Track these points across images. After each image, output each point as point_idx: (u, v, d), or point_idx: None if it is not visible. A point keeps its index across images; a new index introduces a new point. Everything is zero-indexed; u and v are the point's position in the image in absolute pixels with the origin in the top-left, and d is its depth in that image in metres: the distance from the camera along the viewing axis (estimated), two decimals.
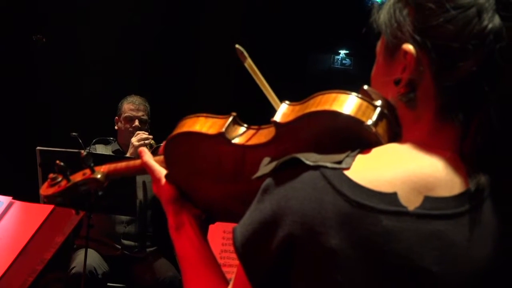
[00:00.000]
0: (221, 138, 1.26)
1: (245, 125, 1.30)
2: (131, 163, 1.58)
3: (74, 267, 3.90)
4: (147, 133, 4.22)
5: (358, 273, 0.91)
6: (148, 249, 4.28)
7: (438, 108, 0.98)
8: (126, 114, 4.31)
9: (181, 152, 1.36)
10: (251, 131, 1.28)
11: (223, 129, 1.26)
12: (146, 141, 4.15)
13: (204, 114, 1.32)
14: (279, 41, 6.16)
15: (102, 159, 3.76)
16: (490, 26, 0.93)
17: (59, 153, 3.70)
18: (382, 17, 1.07)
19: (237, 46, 1.30)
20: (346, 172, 0.95)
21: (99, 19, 5.62)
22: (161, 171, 1.42)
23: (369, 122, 1.03)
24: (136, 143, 4.11)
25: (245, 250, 0.98)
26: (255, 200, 1.00)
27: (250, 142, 1.25)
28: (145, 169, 1.48)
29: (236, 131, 1.29)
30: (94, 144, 4.11)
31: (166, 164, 1.42)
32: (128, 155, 4.13)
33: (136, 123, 4.29)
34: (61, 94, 5.46)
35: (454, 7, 0.95)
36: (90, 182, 1.60)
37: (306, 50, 6.53)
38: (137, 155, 4.14)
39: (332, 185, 0.93)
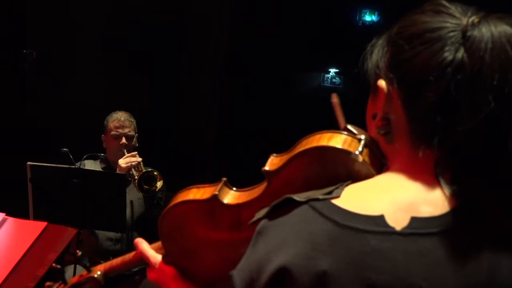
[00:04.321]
0: (215, 200, 1.29)
1: (234, 188, 1.34)
2: (126, 257, 1.60)
3: (65, 272, 3.88)
4: (136, 154, 4.18)
5: None
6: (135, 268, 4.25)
7: (411, 137, 1.03)
8: (112, 133, 4.27)
9: (178, 224, 1.38)
10: (243, 192, 1.31)
11: (216, 192, 1.30)
12: (134, 163, 4.13)
13: (195, 186, 1.36)
14: (269, 59, 6.19)
15: (91, 175, 3.79)
16: (449, 58, 0.97)
17: (50, 169, 3.71)
18: (372, 57, 1.12)
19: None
20: (334, 201, 1.00)
21: (89, 33, 5.64)
22: (158, 257, 1.47)
23: (356, 152, 1.08)
24: (124, 165, 4.09)
25: None
26: (250, 244, 1.04)
27: (244, 199, 1.28)
28: (141, 260, 1.52)
29: (228, 193, 1.32)
30: (84, 160, 4.10)
31: (163, 241, 1.44)
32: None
33: (123, 140, 4.26)
34: (52, 109, 5.45)
35: (421, 43, 1.00)
36: (88, 282, 1.62)
37: (296, 68, 6.56)
38: (126, 174, 4.10)
39: (321, 214, 0.99)
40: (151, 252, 1.50)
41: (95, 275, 1.60)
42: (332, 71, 6.92)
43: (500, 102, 0.95)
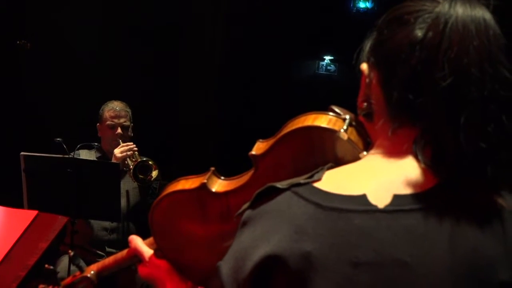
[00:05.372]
0: (204, 189, 1.28)
1: (223, 177, 1.33)
2: (119, 255, 1.60)
3: (58, 272, 3.88)
4: (130, 143, 4.18)
5: (335, 272, 0.95)
6: None
7: (389, 117, 1.04)
8: (107, 122, 4.26)
9: (168, 217, 1.37)
10: (231, 180, 1.31)
11: (205, 180, 1.29)
12: (129, 153, 4.12)
13: (183, 177, 1.35)
14: (264, 47, 6.17)
15: (85, 165, 3.78)
16: (419, 36, 0.99)
17: (43, 159, 3.69)
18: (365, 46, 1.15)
19: None
20: (315, 184, 1.01)
21: (84, 24, 5.61)
22: (151, 252, 1.48)
23: (342, 130, 1.09)
24: (119, 155, 4.07)
25: (230, 280, 1.02)
26: (236, 235, 1.05)
27: (231, 187, 1.27)
28: (133, 257, 1.53)
29: (216, 182, 1.31)
30: (78, 149, 4.08)
31: (154, 235, 1.43)
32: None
33: (119, 130, 4.25)
34: (45, 100, 5.43)
35: (398, 25, 1.03)
36: (81, 282, 1.62)
37: (290, 56, 6.54)
38: (122, 164, 4.08)
39: (304, 198, 1.00)
40: (145, 247, 1.50)
41: (88, 275, 1.60)
42: (327, 58, 6.90)
43: (458, 75, 0.96)
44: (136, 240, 1.52)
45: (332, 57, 6.89)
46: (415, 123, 1.01)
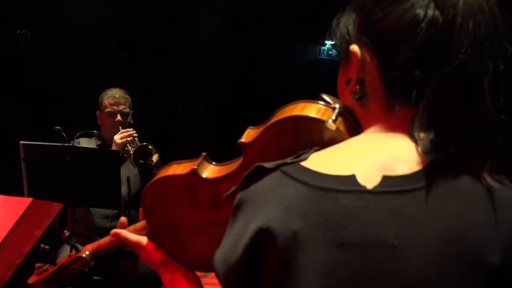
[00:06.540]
0: (194, 174, 1.29)
1: (214, 162, 1.34)
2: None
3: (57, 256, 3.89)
4: (130, 129, 4.18)
5: (321, 252, 0.95)
6: None
7: (386, 97, 1.03)
8: (107, 110, 4.27)
9: (159, 201, 1.37)
10: (222, 166, 1.31)
11: (195, 166, 1.29)
12: (129, 138, 4.12)
13: (175, 162, 1.35)
14: (265, 32, 6.15)
15: (85, 152, 3.77)
16: (421, 14, 0.98)
17: (43, 147, 3.69)
18: (340, 27, 1.13)
19: None
20: (303, 163, 1.00)
21: (83, 13, 5.59)
22: (140, 239, 1.48)
23: (330, 120, 1.08)
24: (119, 141, 4.08)
25: (221, 263, 1.02)
26: (230, 220, 1.04)
27: (222, 174, 1.28)
28: None
29: (208, 167, 1.32)
30: (77, 137, 4.07)
31: (146, 218, 1.44)
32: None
33: (118, 117, 4.25)
34: (44, 88, 5.42)
35: (390, 3, 1.01)
36: (76, 262, 1.62)
37: (292, 41, 6.52)
38: (122, 150, 4.08)
39: (292, 177, 0.99)
40: (133, 237, 1.50)
41: (83, 255, 1.60)
42: (328, 43, 6.87)
43: (475, 48, 0.96)
44: (122, 233, 1.53)
45: (333, 42, 6.83)
46: (413, 102, 0.99)
